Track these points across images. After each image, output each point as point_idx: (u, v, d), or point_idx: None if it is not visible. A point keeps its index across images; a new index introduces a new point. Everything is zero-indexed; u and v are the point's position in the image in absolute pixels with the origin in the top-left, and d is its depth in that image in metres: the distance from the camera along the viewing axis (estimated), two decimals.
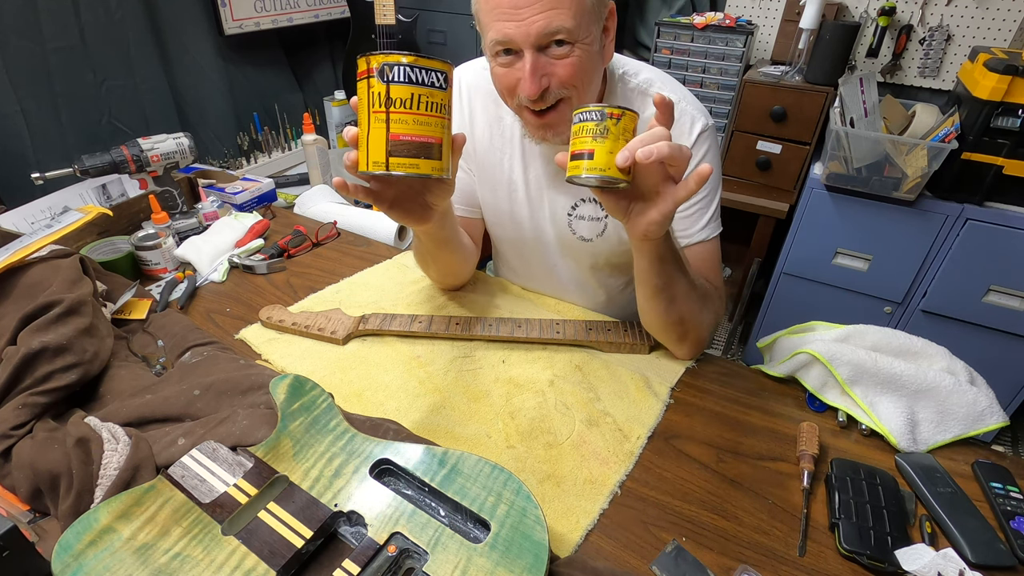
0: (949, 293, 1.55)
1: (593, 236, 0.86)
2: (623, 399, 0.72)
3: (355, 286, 0.95)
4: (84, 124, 1.52)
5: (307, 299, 0.91)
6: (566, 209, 0.86)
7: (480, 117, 0.86)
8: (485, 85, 0.83)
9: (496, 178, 0.88)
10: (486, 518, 0.50)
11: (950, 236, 1.49)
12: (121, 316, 0.83)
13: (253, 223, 1.09)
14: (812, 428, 0.67)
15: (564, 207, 0.86)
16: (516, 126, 0.83)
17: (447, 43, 2.19)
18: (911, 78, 1.80)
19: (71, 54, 1.46)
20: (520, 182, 0.86)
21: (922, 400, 0.69)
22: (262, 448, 0.57)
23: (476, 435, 0.67)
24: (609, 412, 0.70)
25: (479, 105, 0.85)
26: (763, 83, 1.69)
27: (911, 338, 0.74)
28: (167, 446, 0.60)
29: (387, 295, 0.92)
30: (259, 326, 0.85)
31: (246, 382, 0.68)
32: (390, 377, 0.75)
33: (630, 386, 0.74)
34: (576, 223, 0.86)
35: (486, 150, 0.87)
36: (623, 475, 0.63)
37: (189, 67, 1.76)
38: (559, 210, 0.86)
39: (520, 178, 0.86)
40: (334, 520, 0.52)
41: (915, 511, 0.60)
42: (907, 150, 1.43)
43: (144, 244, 0.95)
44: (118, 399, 0.68)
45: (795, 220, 1.66)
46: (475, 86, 0.85)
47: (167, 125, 1.70)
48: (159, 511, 0.50)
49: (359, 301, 0.91)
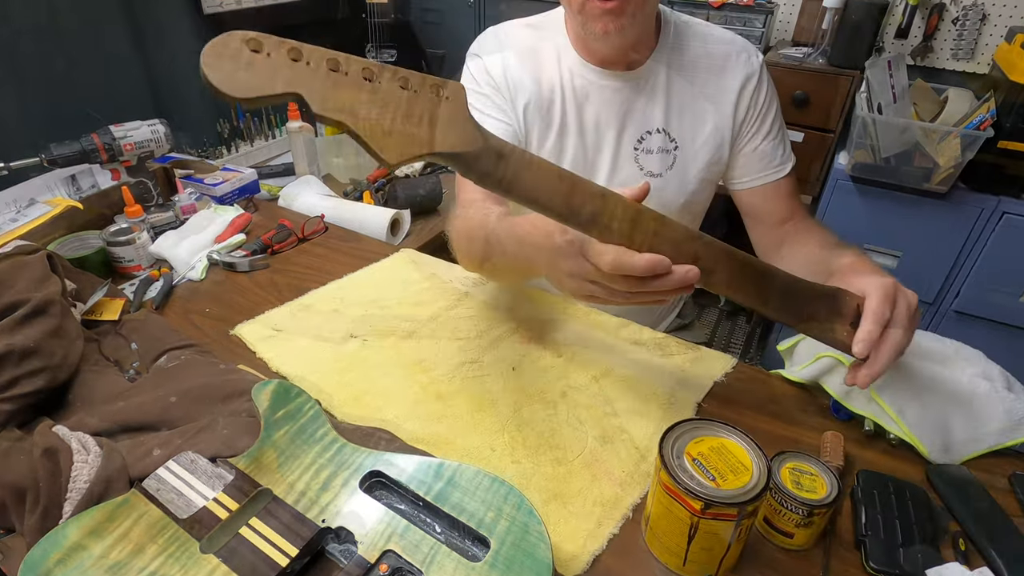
0: (984, 292, 1.54)
1: (663, 170, 0.92)
2: (643, 415, 0.72)
3: (358, 283, 0.96)
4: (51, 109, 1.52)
5: (307, 296, 0.92)
6: (632, 143, 0.90)
7: (522, 84, 0.89)
8: (514, 53, 0.89)
9: (543, 130, 0.91)
10: (485, 535, 0.50)
11: (985, 231, 1.48)
12: (92, 317, 0.83)
13: (234, 217, 1.09)
14: (836, 437, 0.67)
15: (630, 141, 0.90)
16: (561, 71, 0.89)
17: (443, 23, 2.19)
18: (943, 61, 1.80)
19: (38, 34, 1.46)
20: (573, 124, 0.90)
21: (955, 407, 0.69)
22: (244, 459, 0.57)
23: (479, 447, 0.67)
24: (626, 429, 0.70)
25: (515, 72, 0.89)
26: (784, 66, 1.68)
27: (943, 341, 0.74)
28: (141, 457, 0.60)
29: (391, 293, 0.93)
30: (254, 322, 0.85)
31: (227, 388, 0.68)
32: (390, 381, 0.75)
33: (651, 401, 0.74)
34: (644, 157, 0.91)
35: (533, 108, 0.90)
36: (638, 498, 0.62)
37: (165, 49, 1.75)
38: (624, 145, 0.91)
39: (573, 120, 0.90)
40: (321, 537, 0.52)
41: (947, 527, 0.60)
42: (939, 138, 1.43)
43: (116, 239, 0.95)
44: (88, 406, 0.68)
45: (818, 213, 1.65)
46: (507, 66, 0.90)
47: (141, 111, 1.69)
48: (133, 527, 0.50)
49: (361, 299, 0.91)
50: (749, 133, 0.92)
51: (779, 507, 0.55)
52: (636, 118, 0.90)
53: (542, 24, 0.92)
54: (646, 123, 0.90)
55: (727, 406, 0.74)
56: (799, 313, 0.61)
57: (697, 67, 0.89)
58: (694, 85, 0.90)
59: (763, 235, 0.97)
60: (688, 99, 0.90)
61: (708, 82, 0.90)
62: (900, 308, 0.60)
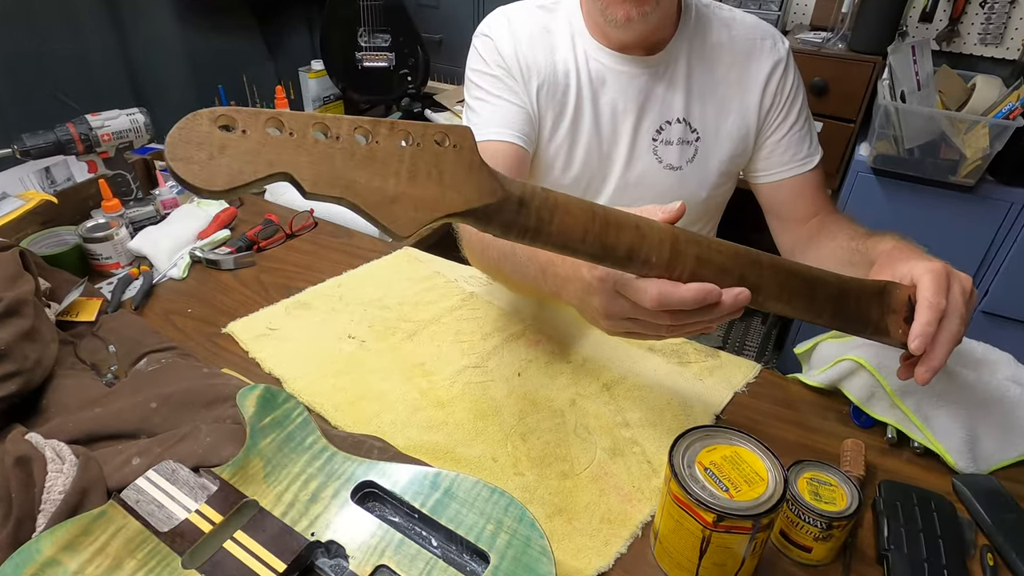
0: (1014, 292, 1.54)
1: (683, 163, 0.91)
2: (656, 427, 0.71)
3: (358, 280, 0.96)
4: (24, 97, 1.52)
5: (304, 293, 0.92)
6: (650, 133, 0.90)
7: (536, 65, 0.88)
8: (526, 33, 0.88)
9: (556, 117, 0.90)
10: (484, 549, 0.50)
11: (1015, 226, 1.48)
12: (67, 318, 0.83)
13: (218, 212, 1.09)
14: (857, 446, 0.67)
15: (648, 131, 0.90)
16: (576, 53, 0.88)
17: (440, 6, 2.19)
18: (970, 46, 1.79)
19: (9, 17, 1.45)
20: (588, 112, 0.89)
21: (984, 414, 0.69)
22: (228, 469, 0.57)
23: (480, 458, 0.67)
24: (638, 441, 0.70)
25: (527, 52, 0.89)
26: (801, 52, 1.68)
27: (971, 343, 0.74)
28: (120, 466, 0.60)
29: (392, 292, 0.93)
30: (247, 320, 0.85)
31: (210, 393, 0.68)
32: (388, 385, 0.75)
33: (666, 412, 0.73)
34: (663, 149, 0.90)
35: (546, 92, 0.89)
36: (648, 515, 0.61)
37: (144, 33, 1.75)
38: (642, 135, 0.90)
39: (588, 108, 0.89)
40: (311, 551, 0.52)
41: (975, 541, 0.60)
42: (966, 128, 1.43)
43: (93, 236, 0.95)
44: (64, 413, 0.68)
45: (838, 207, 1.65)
46: (519, 46, 0.89)
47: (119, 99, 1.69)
48: (110, 541, 0.50)
49: (361, 298, 0.91)
50: (775, 124, 0.91)
51: (796, 519, 0.55)
52: (655, 107, 0.89)
53: (555, 5, 0.91)
54: (666, 112, 0.89)
55: (741, 412, 0.74)
56: (855, 318, 0.59)
57: (720, 53, 0.89)
58: (717, 72, 0.89)
59: (787, 233, 0.96)
60: (710, 87, 0.90)
61: (732, 69, 0.89)
62: (955, 294, 0.58)
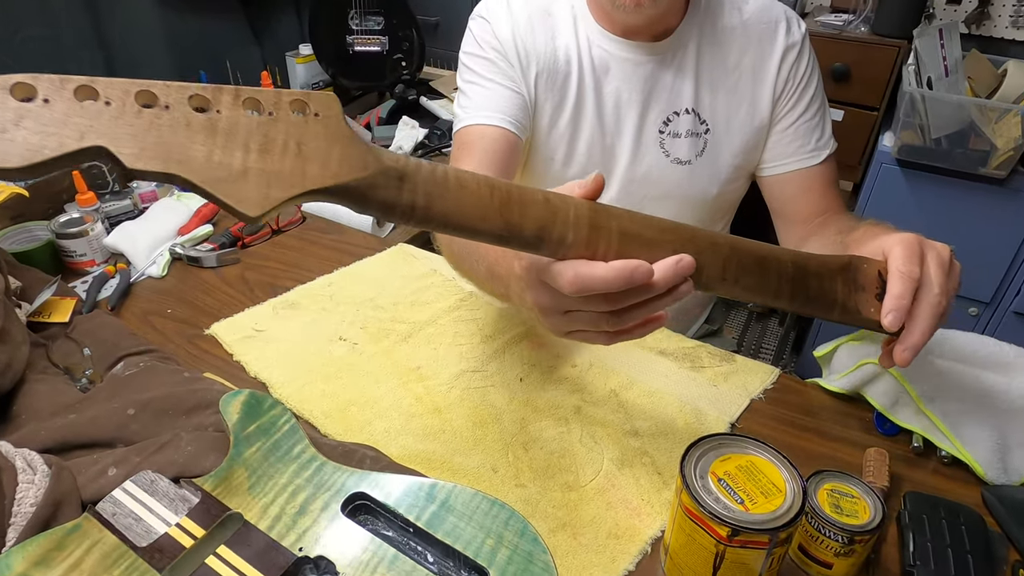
0: None
1: (692, 156, 0.91)
2: (667, 436, 0.71)
3: (350, 278, 0.96)
4: None
5: (292, 292, 0.92)
6: (657, 125, 0.89)
7: (534, 50, 0.88)
8: (525, 15, 0.88)
9: (556, 106, 0.90)
10: (483, 564, 0.50)
11: None
12: (39, 319, 0.83)
13: (199, 206, 1.09)
14: (881, 455, 0.67)
15: (655, 122, 0.89)
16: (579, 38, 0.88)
17: None
18: (1001, 29, 1.79)
19: None
20: (590, 102, 0.89)
21: (1015, 421, 0.69)
22: (211, 480, 0.57)
23: (479, 468, 0.67)
24: (648, 451, 0.69)
25: (526, 36, 0.88)
26: (821, 35, 1.68)
27: (1001, 345, 0.74)
28: (95, 477, 0.60)
29: (387, 291, 0.93)
30: (232, 320, 0.86)
31: (191, 399, 0.68)
32: (382, 390, 0.76)
33: (678, 420, 0.73)
34: (670, 142, 0.90)
35: (546, 79, 0.89)
36: (658, 530, 0.61)
37: (121, 15, 1.75)
38: (648, 127, 0.90)
39: (591, 97, 0.89)
40: (298, 567, 0.52)
41: (1007, 557, 0.60)
42: (997, 117, 1.43)
43: (67, 231, 0.95)
44: (35, 420, 0.68)
45: (860, 201, 1.65)
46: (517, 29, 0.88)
47: None
48: (85, 556, 0.50)
49: (353, 297, 0.91)
50: (784, 110, 0.90)
51: (816, 533, 0.55)
52: (662, 96, 0.89)
53: None
54: (673, 102, 0.89)
55: (758, 420, 0.74)
56: (818, 297, 0.56)
57: (732, 38, 0.88)
58: (728, 59, 0.88)
59: (790, 232, 0.94)
60: (721, 75, 0.89)
61: (744, 55, 0.88)
62: (930, 263, 0.55)
